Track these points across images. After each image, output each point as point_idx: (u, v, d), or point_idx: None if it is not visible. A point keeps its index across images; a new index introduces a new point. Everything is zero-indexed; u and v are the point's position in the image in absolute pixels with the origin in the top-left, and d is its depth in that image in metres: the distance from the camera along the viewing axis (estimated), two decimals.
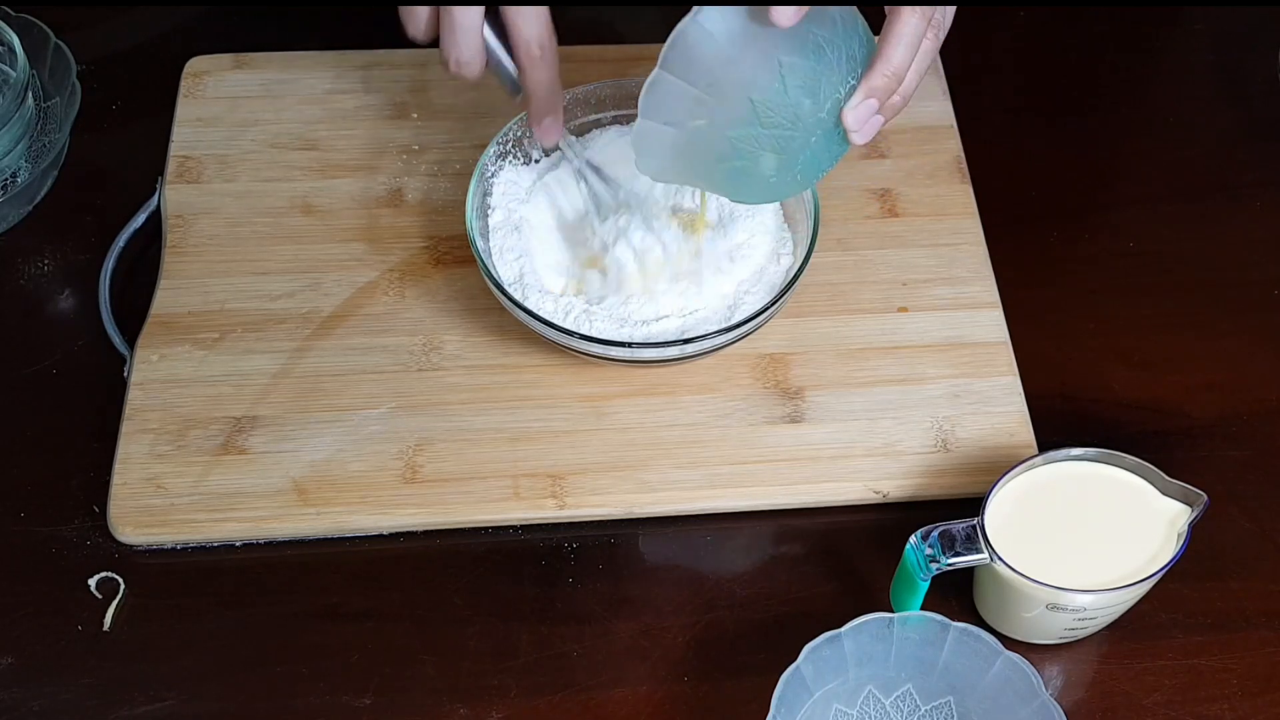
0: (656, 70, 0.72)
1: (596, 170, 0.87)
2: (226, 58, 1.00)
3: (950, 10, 0.76)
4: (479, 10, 0.78)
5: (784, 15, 0.69)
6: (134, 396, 0.84)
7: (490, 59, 0.80)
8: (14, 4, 0.95)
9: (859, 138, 0.75)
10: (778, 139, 0.74)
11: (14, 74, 0.92)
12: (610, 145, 0.89)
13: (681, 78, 0.72)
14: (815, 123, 0.73)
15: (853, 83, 0.73)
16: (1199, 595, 0.81)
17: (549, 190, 0.88)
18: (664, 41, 0.71)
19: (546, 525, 0.82)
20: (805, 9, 0.70)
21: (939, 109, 0.99)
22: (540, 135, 0.84)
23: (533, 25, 0.79)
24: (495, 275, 0.83)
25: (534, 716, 0.76)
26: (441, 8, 0.78)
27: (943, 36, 0.76)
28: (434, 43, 0.80)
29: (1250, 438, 0.87)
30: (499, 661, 0.77)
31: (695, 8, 0.70)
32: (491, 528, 0.82)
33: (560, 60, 0.81)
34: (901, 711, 0.74)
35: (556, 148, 0.87)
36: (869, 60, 0.73)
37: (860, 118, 0.73)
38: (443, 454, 0.83)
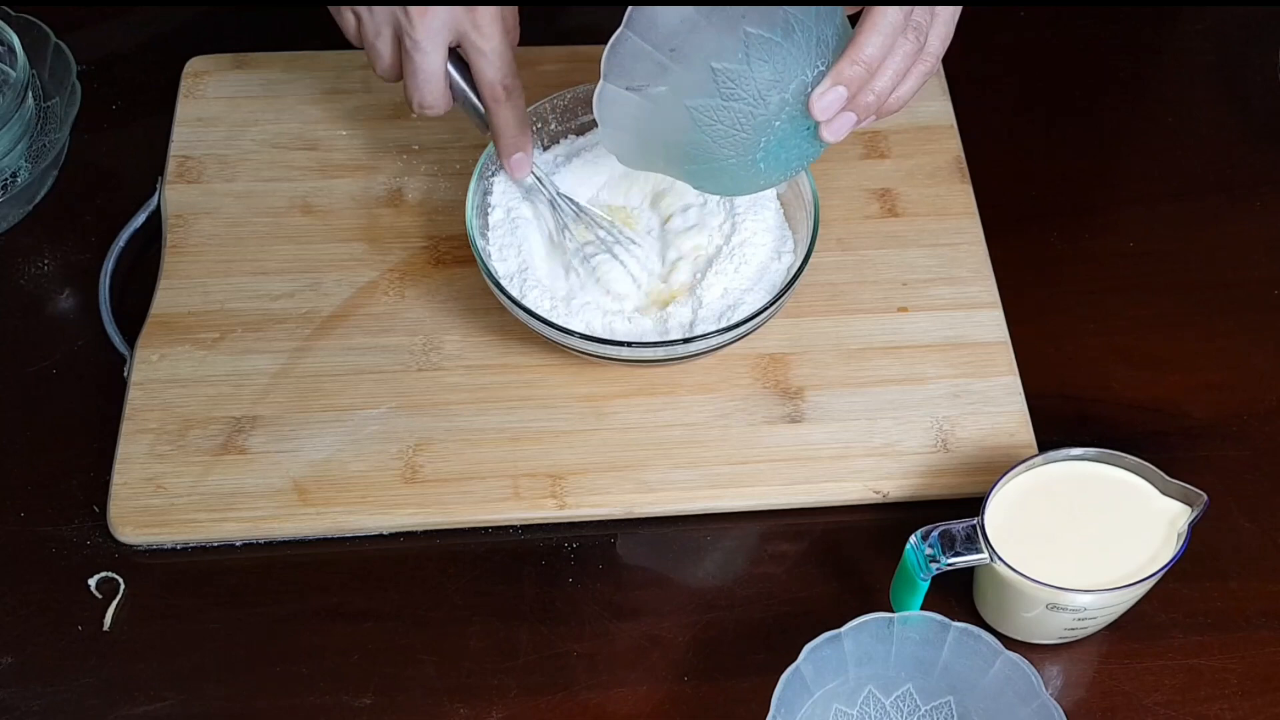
0: (620, 29, 0.72)
1: (570, 201, 0.86)
2: (226, 58, 1.00)
3: (941, 20, 0.75)
4: (441, 57, 0.79)
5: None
6: (134, 396, 0.84)
7: (458, 98, 0.81)
8: (14, 4, 0.95)
9: (828, 132, 0.73)
10: (738, 115, 0.72)
11: (14, 74, 0.92)
12: (588, 165, 0.88)
13: (645, 39, 0.71)
14: (779, 104, 0.72)
15: (822, 69, 0.72)
16: (1199, 595, 0.81)
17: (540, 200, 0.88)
18: None
19: (546, 525, 0.82)
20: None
21: (939, 109, 0.99)
22: (511, 171, 0.84)
23: (494, 69, 0.80)
24: (495, 275, 0.83)
25: (534, 716, 0.76)
26: (404, 53, 0.79)
27: (934, 47, 0.75)
28: (399, 78, 0.80)
29: (1250, 438, 0.87)
30: (499, 661, 0.77)
31: None
32: (491, 528, 0.82)
33: (558, 61, 0.81)
34: (901, 711, 0.74)
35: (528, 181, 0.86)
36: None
37: (827, 106, 0.72)
38: (443, 454, 0.83)
